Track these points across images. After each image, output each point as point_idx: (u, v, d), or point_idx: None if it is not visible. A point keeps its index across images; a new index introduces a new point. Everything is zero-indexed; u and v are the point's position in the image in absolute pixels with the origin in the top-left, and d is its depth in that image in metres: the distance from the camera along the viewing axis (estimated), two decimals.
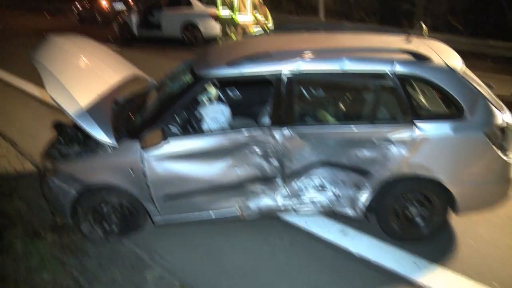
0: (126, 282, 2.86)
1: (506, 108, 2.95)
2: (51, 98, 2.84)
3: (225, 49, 3.45)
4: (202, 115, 3.35)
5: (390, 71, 2.81)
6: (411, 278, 2.83)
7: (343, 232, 3.28)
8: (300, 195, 3.05)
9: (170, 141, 2.88)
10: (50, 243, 3.23)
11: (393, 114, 3.00)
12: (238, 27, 9.49)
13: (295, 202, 3.07)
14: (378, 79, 2.84)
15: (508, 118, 2.86)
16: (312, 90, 3.43)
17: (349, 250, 3.08)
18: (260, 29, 9.55)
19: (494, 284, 2.79)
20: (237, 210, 3.08)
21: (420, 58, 2.83)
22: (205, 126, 3.30)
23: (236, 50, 3.24)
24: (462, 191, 2.91)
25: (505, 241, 3.21)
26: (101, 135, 2.87)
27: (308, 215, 3.42)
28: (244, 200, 3.05)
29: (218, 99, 3.86)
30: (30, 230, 3.41)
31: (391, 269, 2.91)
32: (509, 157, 2.87)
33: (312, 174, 2.98)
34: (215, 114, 3.37)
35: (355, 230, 3.29)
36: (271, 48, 3.07)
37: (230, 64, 2.86)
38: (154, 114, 2.99)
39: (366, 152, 2.88)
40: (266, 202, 3.07)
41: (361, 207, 3.03)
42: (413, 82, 3.02)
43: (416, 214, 3.05)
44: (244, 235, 3.28)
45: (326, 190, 3.02)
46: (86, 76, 3.32)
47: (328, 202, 3.05)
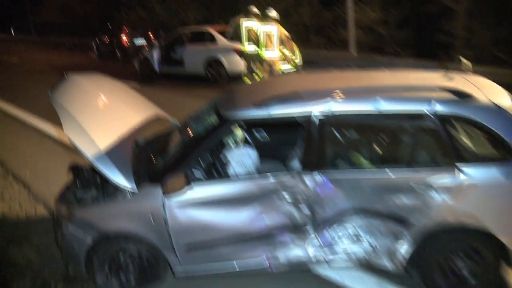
0: None
1: None
2: (69, 139, 2.95)
3: (252, 89, 3.54)
4: (227, 159, 3.40)
5: (428, 111, 2.81)
6: None
7: (381, 287, 3.19)
8: (333, 246, 3.01)
9: (193, 186, 2.92)
10: None
11: (433, 158, 2.97)
12: (265, 64, 9.67)
13: (328, 253, 3.03)
14: (416, 120, 2.84)
15: None
16: (344, 132, 3.45)
17: None
18: (288, 65, 9.75)
19: None
20: (264, 262, 3.05)
21: (461, 96, 2.83)
22: (231, 171, 3.34)
23: (263, 90, 3.32)
24: None
25: None
26: (120, 179, 2.94)
27: (342, 268, 3.35)
28: (272, 250, 3.03)
29: (245, 142, 3.91)
30: (39, 281, 3.42)
31: None
32: None
33: (345, 222, 2.95)
34: (242, 157, 3.41)
35: (395, 286, 3.20)
36: (301, 87, 3.13)
37: (258, 105, 2.92)
38: (177, 158, 3.05)
39: (405, 198, 2.84)
40: (296, 252, 3.04)
41: (400, 260, 2.95)
42: (454, 122, 3.01)
43: (464, 269, 2.95)
44: None
45: (361, 240, 2.98)
46: (105, 116, 3.45)
47: (363, 254, 3.00)
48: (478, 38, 11.85)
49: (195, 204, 2.93)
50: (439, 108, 2.80)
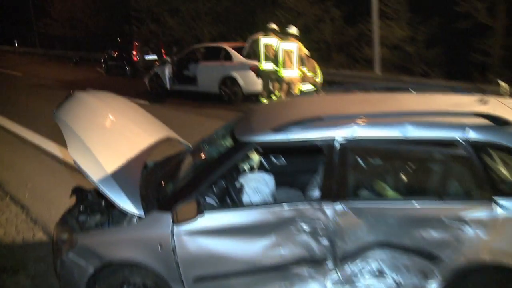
0: None
1: None
2: (73, 160, 2.99)
3: (269, 110, 3.56)
4: (242, 186, 3.41)
5: (461, 138, 2.79)
6: None
7: None
8: (354, 282, 2.97)
9: (205, 214, 2.93)
10: None
11: (467, 189, 2.94)
12: (283, 84, 9.73)
13: None
14: (447, 148, 2.82)
15: None
16: (369, 159, 3.44)
17: None
18: (308, 86, 9.80)
19: None
20: None
21: (498, 122, 2.81)
22: (245, 198, 3.34)
23: (282, 112, 3.34)
24: None
25: None
26: (126, 204, 2.96)
27: None
28: (288, 285, 3.00)
29: (261, 168, 3.93)
30: None
31: None
32: None
33: (368, 256, 2.91)
34: (258, 184, 3.42)
35: None
36: (322, 110, 3.14)
37: (276, 129, 2.94)
38: (188, 183, 3.07)
39: (434, 233, 2.80)
40: None
41: None
42: (490, 150, 2.98)
43: None
44: None
45: (385, 276, 2.93)
46: (113, 137, 3.49)
47: None
48: None
49: (206, 232, 2.93)
50: (473, 135, 2.78)
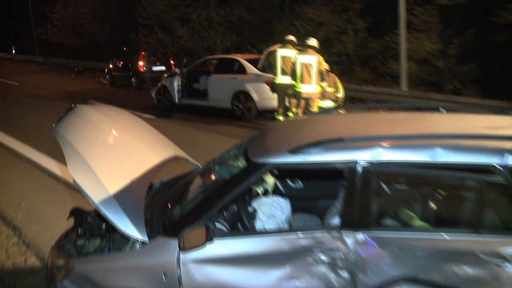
0: None
1: None
2: (73, 178, 3.02)
3: (286, 130, 3.58)
4: (255, 211, 3.41)
5: (499, 164, 2.76)
6: None
7: None
8: None
9: (215, 241, 2.93)
10: None
11: (507, 221, 2.91)
12: (301, 100, 9.77)
13: None
14: (482, 175, 2.80)
15: None
16: (394, 185, 3.44)
17: None
18: (328, 102, 9.82)
19: None
20: None
21: None
22: (259, 225, 3.35)
23: (299, 132, 3.36)
24: None
25: None
26: (129, 228, 2.98)
27: None
28: None
29: (276, 192, 3.93)
30: None
31: None
32: None
33: None
34: (272, 209, 3.42)
35: None
36: (343, 131, 3.15)
37: (293, 151, 2.95)
38: (197, 207, 3.08)
39: (468, 269, 2.77)
40: None
41: None
42: None
43: None
44: None
45: None
46: (116, 155, 3.53)
47: None
48: None
49: (216, 261, 2.93)
50: None
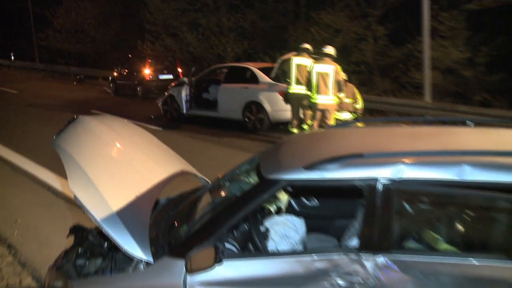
0: None
1: None
2: (73, 194, 3.04)
3: (301, 144, 3.58)
4: (268, 230, 3.41)
5: None
6: None
7: None
8: None
9: (224, 262, 2.93)
10: None
11: None
12: (317, 112, 9.77)
13: None
14: None
15: None
16: (417, 204, 3.41)
17: None
18: (346, 114, 9.82)
19: None
20: None
21: None
22: (271, 245, 3.34)
23: (316, 147, 3.36)
24: None
25: None
26: (133, 248, 2.98)
27: None
28: None
29: (290, 210, 3.92)
30: None
31: None
32: None
33: None
34: (286, 229, 3.41)
35: None
36: (362, 145, 3.15)
37: (309, 167, 2.95)
38: (206, 225, 3.09)
39: None
40: None
41: None
42: None
43: None
44: None
45: None
46: (120, 169, 3.55)
47: None
48: None
49: (225, 284, 2.92)
50: None
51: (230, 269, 2.93)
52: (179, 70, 20.63)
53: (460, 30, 15.32)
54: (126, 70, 20.84)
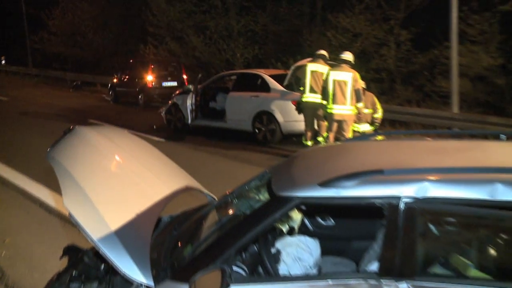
0: None
1: None
2: (68, 211, 3.04)
3: (316, 159, 3.58)
4: (279, 252, 3.41)
5: None
6: None
7: None
8: None
9: (232, 287, 2.92)
10: None
11: None
12: (333, 123, 9.76)
13: None
14: None
15: None
16: (444, 226, 3.39)
17: None
18: (365, 126, 9.80)
19: None
20: None
21: None
22: (283, 269, 3.33)
23: (332, 162, 3.35)
24: None
25: None
26: (132, 271, 2.98)
27: None
28: None
29: (304, 231, 3.92)
30: None
31: None
32: None
33: None
34: (299, 251, 3.41)
35: None
36: (383, 161, 3.14)
37: (325, 183, 2.95)
38: (212, 246, 3.09)
39: None
40: None
41: None
42: None
43: None
44: None
45: None
46: (120, 184, 3.56)
47: None
48: None
49: None
50: None
51: None
52: (184, 76, 20.68)
53: (492, 33, 15.22)
54: (127, 76, 20.93)
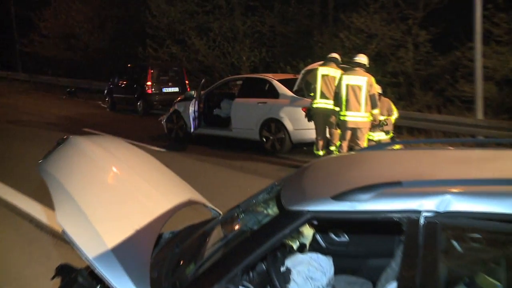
0: None
1: None
2: (61, 227, 3.04)
3: (328, 170, 3.58)
4: (289, 271, 3.40)
5: None
6: None
7: None
8: None
9: None
10: None
11: None
12: (346, 131, 9.76)
13: None
14: None
15: None
16: (468, 242, 3.39)
17: None
18: (381, 134, 9.79)
19: None
20: None
21: None
22: None
23: (345, 173, 3.36)
24: None
25: None
26: None
27: None
28: None
29: (316, 247, 3.91)
30: None
31: None
32: None
33: None
34: (310, 270, 3.40)
35: None
36: (401, 172, 3.14)
37: (338, 197, 2.95)
38: (217, 265, 3.09)
39: None
40: None
41: None
42: None
43: None
44: None
45: None
46: (117, 199, 3.57)
47: None
48: None
49: None
50: None
51: None
52: (186, 82, 20.76)
53: None
54: (125, 82, 21.03)
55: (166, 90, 20.10)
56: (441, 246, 2.88)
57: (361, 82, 9.54)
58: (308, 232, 3.82)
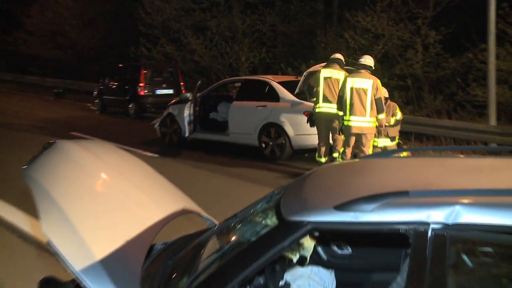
0: None
1: None
2: (47, 238, 3.04)
3: (331, 178, 3.59)
4: (289, 285, 3.41)
5: None
6: None
7: None
8: None
9: None
10: None
11: None
12: (350, 137, 9.76)
13: None
14: None
15: None
16: (479, 256, 3.39)
17: None
18: (387, 141, 9.79)
19: None
20: None
21: None
22: None
23: (349, 182, 3.36)
24: None
25: None
26: None
27: None
28: None
29: (317, 260, 3.91)
30: None
31: None
32: None
33: None
34: (311, 284, 3.42)
35: None
36: (408, 181, 3.14)
37: (341, 207, 2.96)
38: (212, 278, 3.09)
39: None
40: None
41: None
42: None
43: None
44: None
45: None
46: (107, 207, 3.57)
47: None
48: None
49: None
50: None
51: None
52: (181, 83, 20.76)
53: None
54: (116, 83, 21.04)
55: (159, 92, 20.11)
56: (450, 260, 2.88)
57: (366, 85, 9.52)
58: (308, 244, 3.82)
